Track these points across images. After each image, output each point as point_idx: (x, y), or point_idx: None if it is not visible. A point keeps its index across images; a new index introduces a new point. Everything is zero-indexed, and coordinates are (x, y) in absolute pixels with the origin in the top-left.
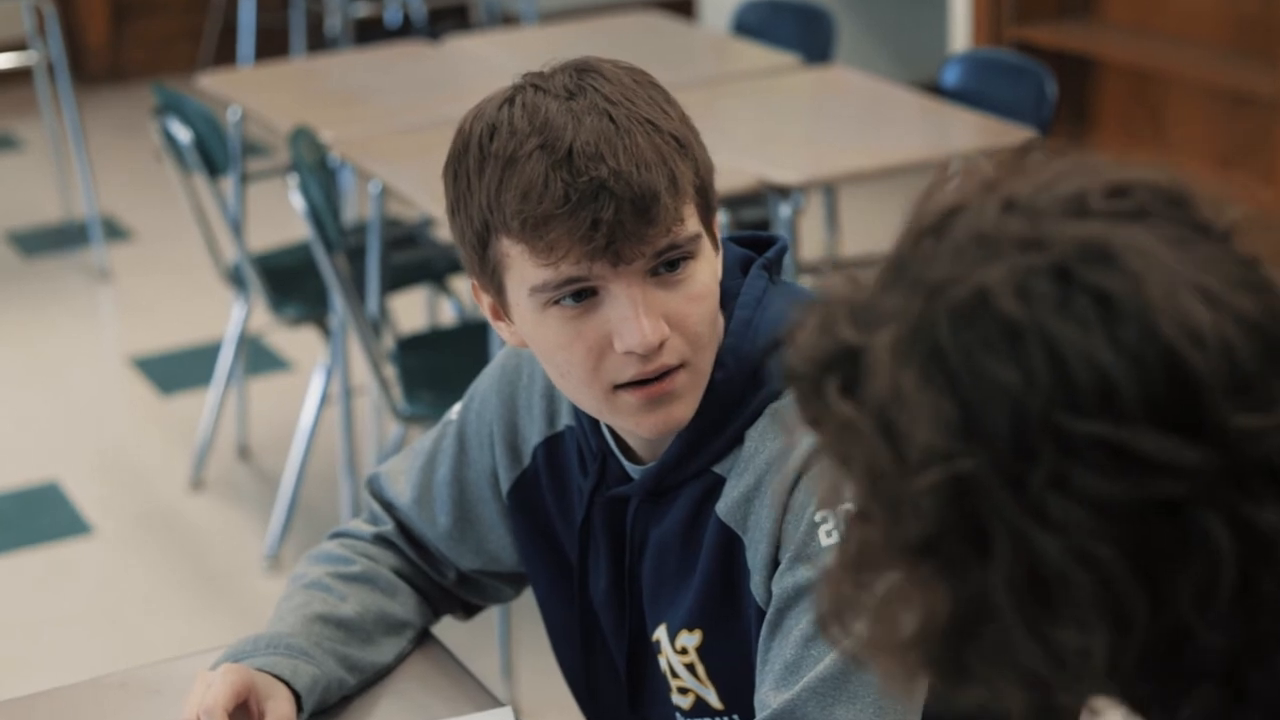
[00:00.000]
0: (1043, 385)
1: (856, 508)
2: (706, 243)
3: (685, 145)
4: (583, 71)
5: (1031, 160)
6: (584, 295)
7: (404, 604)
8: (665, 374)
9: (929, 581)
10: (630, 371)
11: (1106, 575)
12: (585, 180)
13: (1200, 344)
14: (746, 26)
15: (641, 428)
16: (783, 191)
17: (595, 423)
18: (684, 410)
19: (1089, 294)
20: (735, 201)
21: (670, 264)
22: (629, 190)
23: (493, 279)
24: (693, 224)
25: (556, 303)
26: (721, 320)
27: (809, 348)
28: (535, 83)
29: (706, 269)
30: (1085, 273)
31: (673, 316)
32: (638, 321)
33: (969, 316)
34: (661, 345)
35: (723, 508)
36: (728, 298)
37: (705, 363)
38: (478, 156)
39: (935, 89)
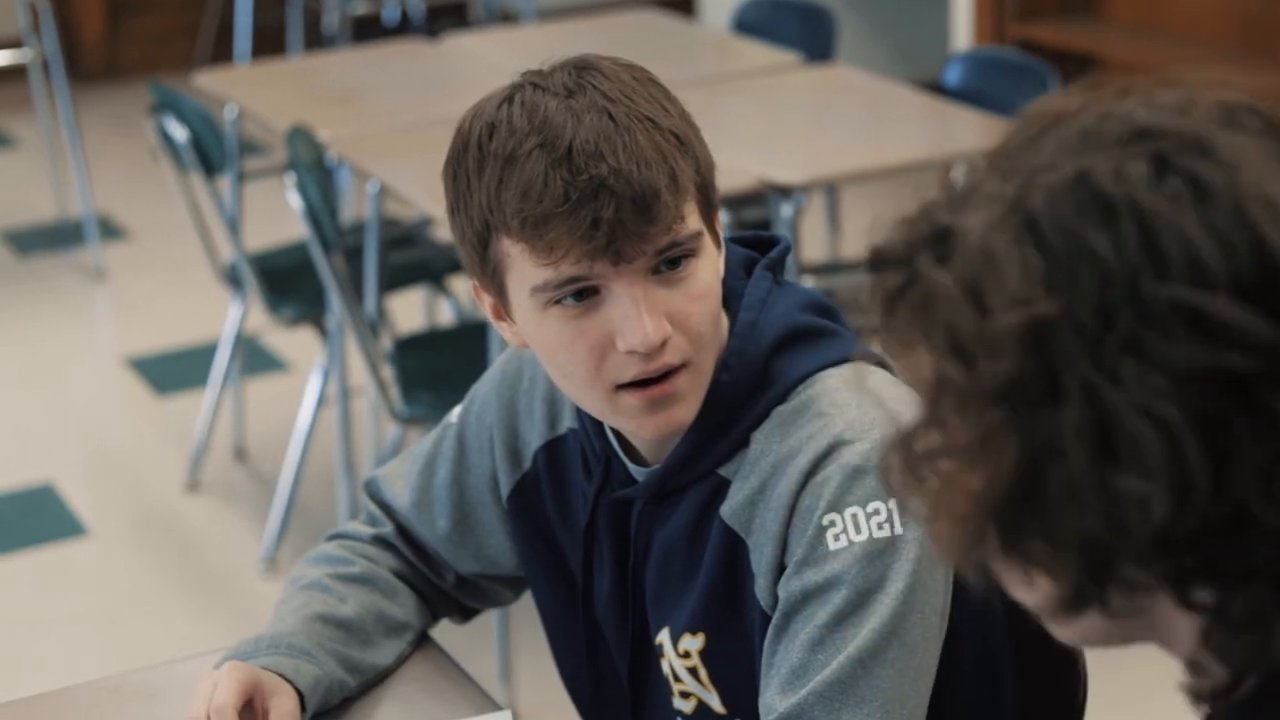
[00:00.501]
0: (1130, 252)
1: (932, 377)
2: (708, 240)
3: (686, 142)
4: (582, 69)
5: (1134, 84)
6: (585, 294)
7: (403, 605)
8: (667, 375)
9: (999, 432)
10: (632, 371)
11: (1172, 435)
12: (585, 179)
13: None
14: (747, 24)
15: (643, 429)
16: (784, 191)
17: (599, 425)
18: (686, 412)
19: (1184, 177)
20: (736, 201)
21: (672, 262)
22: (629, 188)
23: (494, 279)
24: (694, 222)
25: (558, 302)
26: (725, 321)
27: (903, 231)
28: (534, 81)
29: (708, 267)
30: (1182, 159)
31: (675, 315)
32: (639, 320)
33: (1068, 191)
34: (664, 344)
35: (727, 510)
36: (731, 299)
37: (707, 362)
38: (477, 156)
39: (937, 88)
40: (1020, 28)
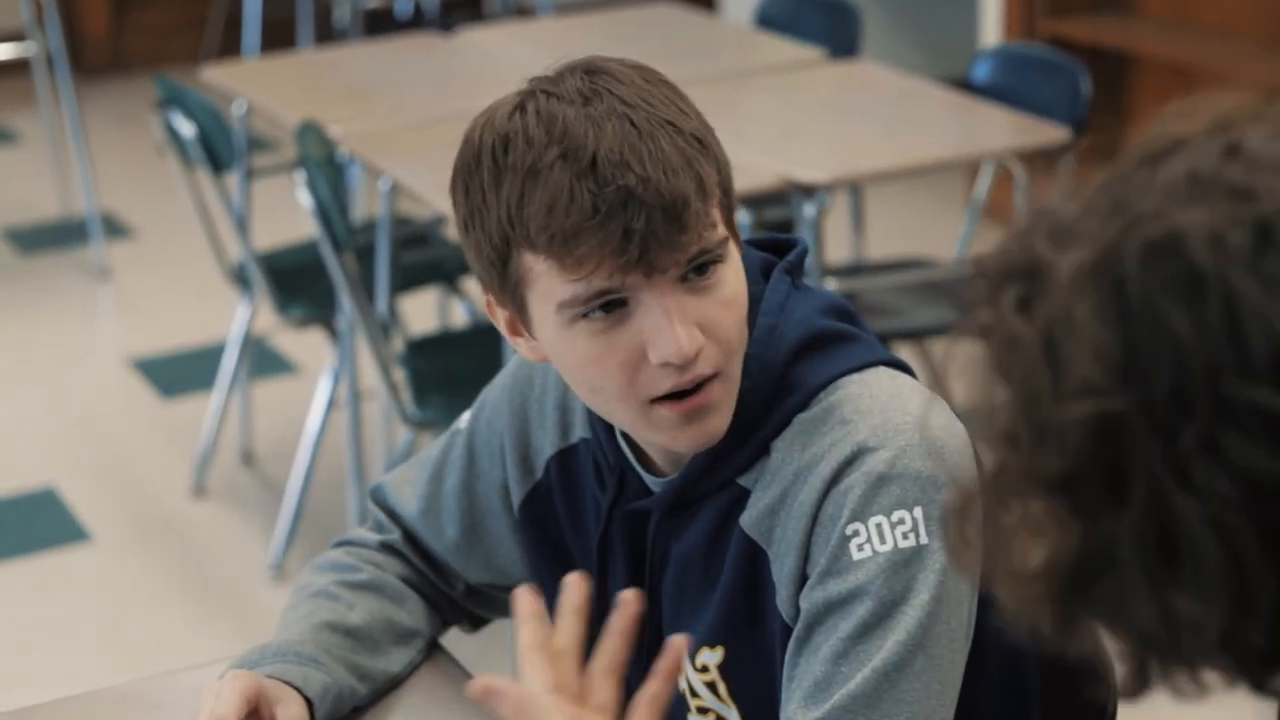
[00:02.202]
0: (1213, 340)
1: (1005, 427)
2: (732, 246)
3: (707, 145)
4: (593, 73)
5: (1273, 106)
6: (613, 306)
7: (413, 613)
8: (700, 386)
9: (1061, 517)
10: (667, 384)
11: (1238, 550)
12: (613, 189)
13: None
14: (770, 19)
15: (678, 442)
16: (807, 191)
17: (612, 435)
18: (720, 422)
19: None
20: (758, 201)
21: (699, 269)
22: (659, 198)
23: (513, 295)
24: (721, 227)
25: (585, 316)
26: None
27: (1002, 253)
28: (545, 88)
29: (734, 272)
30: None
31: (706, 323)
32: (672, 331)
33: (1159, 255)
34: (697, 355)
35: (747, 520)
36: (750, 303)
37: (737, 370)
38: (492, 169)
39: (965, 85)
40: (1051, 23)
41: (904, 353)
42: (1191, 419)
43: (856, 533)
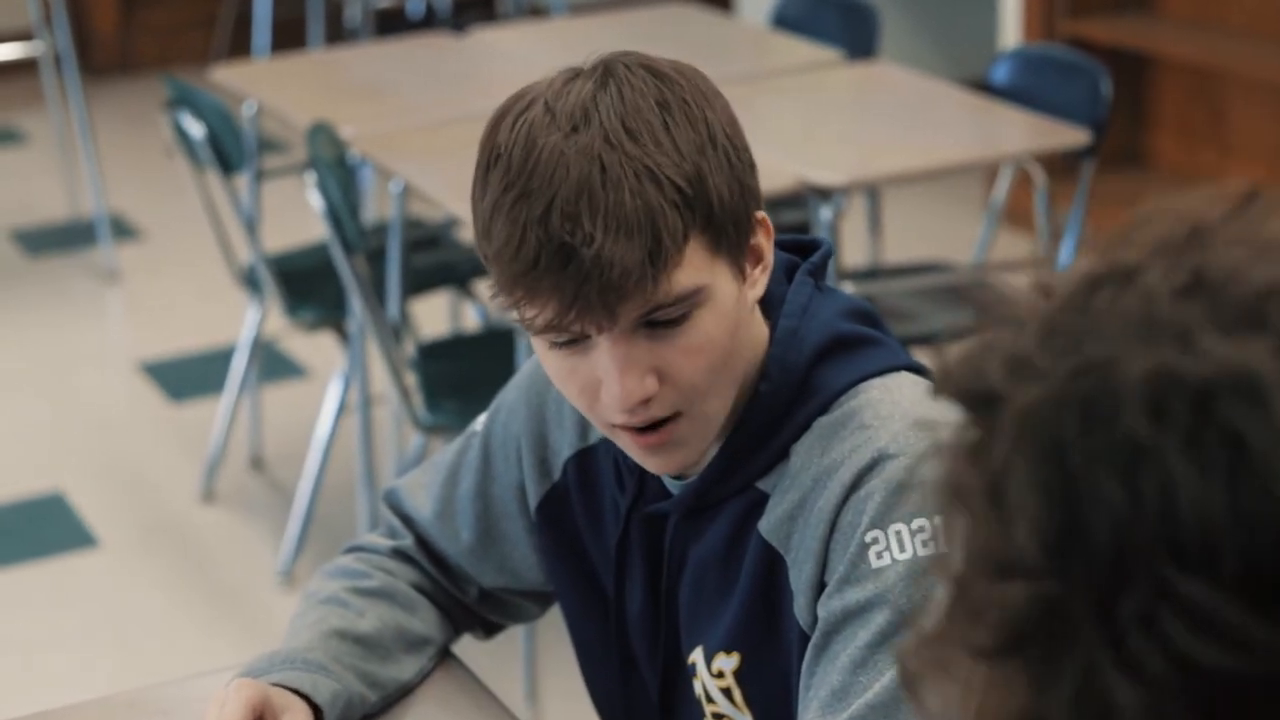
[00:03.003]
0: (1148, 519)
1: (952, 578)
2: (719, 288)
3: (694, 191)
4: (606, 82)
5: (1249, 215)
6: (575, 340)
7: (424, 620)
8: (661, 424)
9: (995, 685)
10: (619, 419)
11: None
12: (557, 244)
13: None
14: (787, 20)
15: (646, 466)
16: (823, 193)
17: None
18: (688, 454)
19: (1223, 433)
20: (774, 203)
21: (663, 320)
22: (597, 263)
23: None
24: (691, 279)
25: (552, 344)
26: (765, 331)
27: (959, 375)
28: (550, 99)
29: (711, 318)
30: (1228, 407)
31: (664, 369)
32: (618, 382)
33: (1099, 418)
34: (649, 399)
35: (766, 525)
36: (772, 305)
37: (712, 407)
38: (482, 179)
39: (984, 87)
40: (1071, 24)
41: (921, 357)
42: (1129, 596)
43: (876, 540)
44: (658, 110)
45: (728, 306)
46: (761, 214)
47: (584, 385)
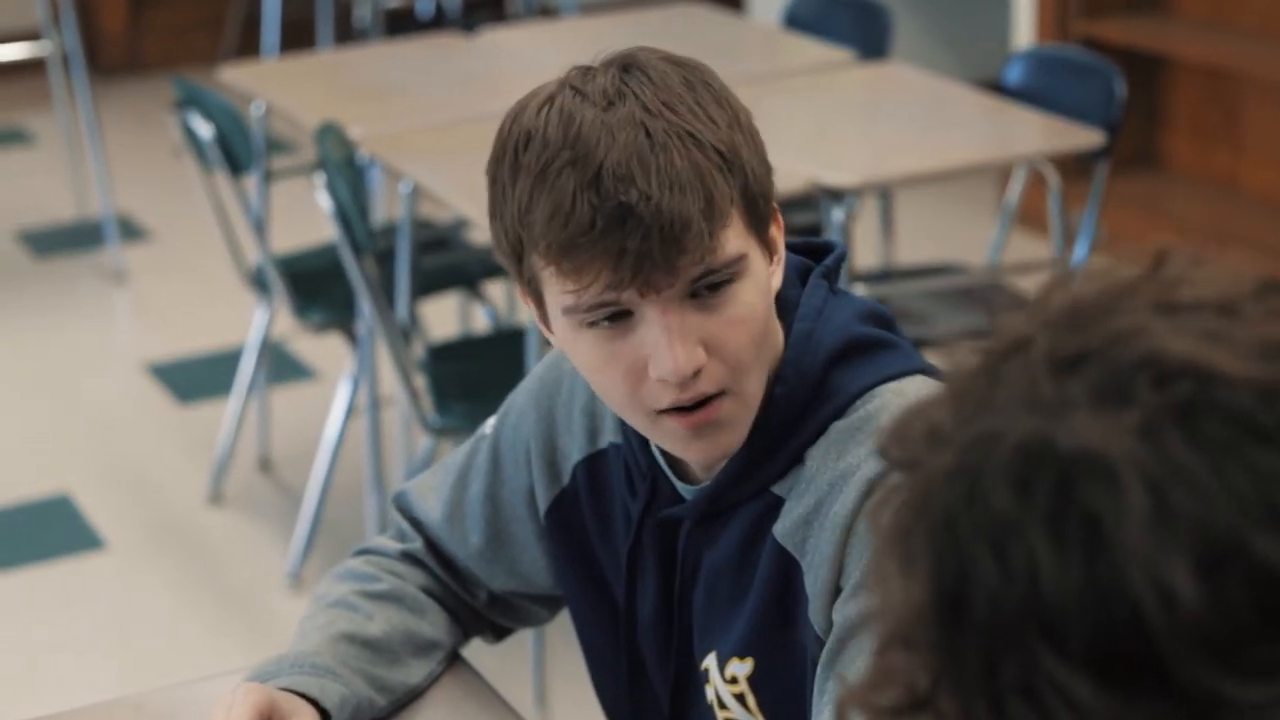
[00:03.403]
0: (1017, 594)
1: (880, 632)
2: (755, 261)
3: (732, 157)
4: (628, 71)
5: (1158, 280)
6: (619, 317)
7: (433, 624)
8: (708, 401)
9: None
10: (667, 399)
11: None
12: (613, 204)
13: (1169, 606)
14: (798, 20)
15: (689, 453)
16: (835, 195)
17: (645, 441)
18: (732, 437)
19: (1082, 512)
20: (785, 205)
21: (710, 286)
22: (658, 217)
23: (531, 290)
24: (735, 245)
25: (591, 324)
26: (780, 332)
27: (889, 440)
28: (576, 84)
29: (752, 289)
30: (1086, 487)
31: (711, 341)
32: (670, 350)
33: (979, 492)
34: (698, 372)
35: (781, 530)
36: (786, 308)
37: (753, 386)
38: (512, 164)
39: (997, 87)
40: (1085, 24)
41: (934, 360)
42: (1006, 667)
43: None
44: (685, 91)
45: (763, 281)
46: (775, 205)
47: (628, 368)
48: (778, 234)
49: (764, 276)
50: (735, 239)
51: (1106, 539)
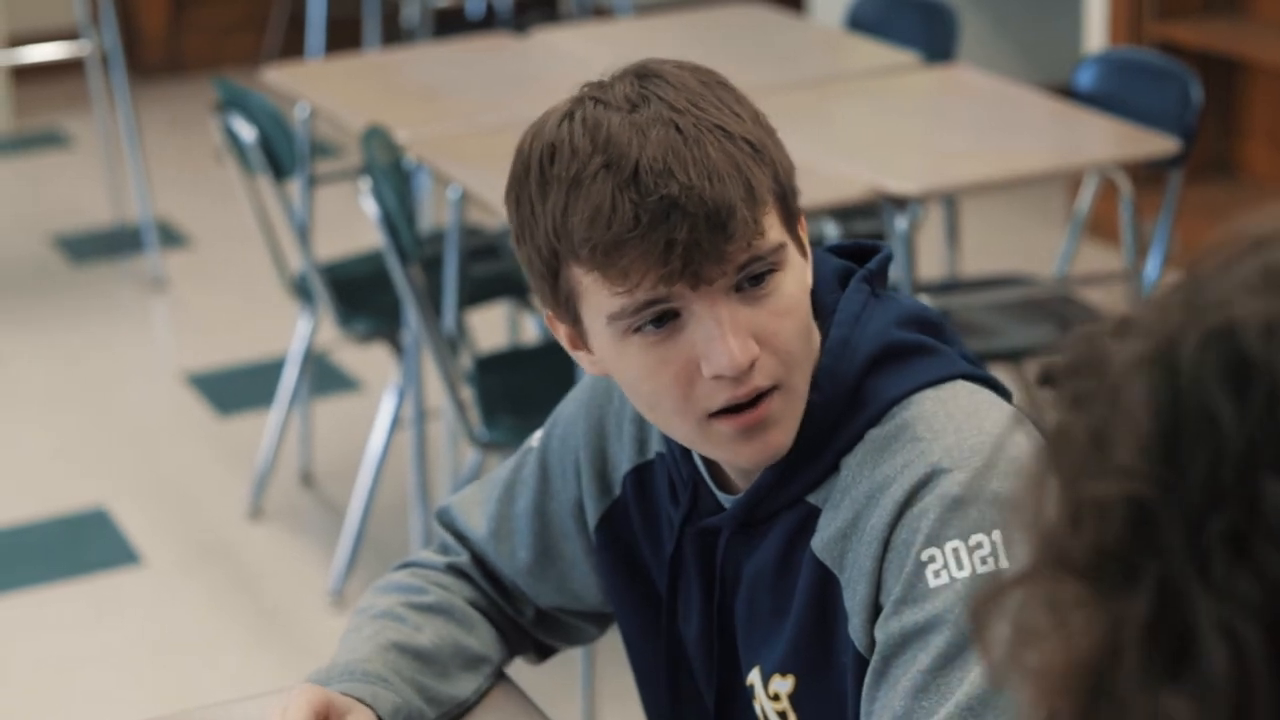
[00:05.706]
0: (1253, 431)
1: (1046, 515)
2: (792, 252)
3: (761, 149)
4: (644, 77)
5: None
6: (665, 319)
7: (481, 638)
8: (759, 399)
9: (1085, 605)
10: (722, 397)
11: (1246, 662)
12: (655, 199)
13: None
14: (861, 21)
15: (740, 457)
16: (899, 202)
17: (686, 449)
18: (782, 436)
19: None
20: (847, 213)
21: (754, 278)
22: (703, 206)
23: (568, 308)
24: (775, 234)
25: (637, 330)
26: (817, 337)
27: (1068, 352)
28: (594, 95)
29: (793, 280)
30: None
31: (761, 333)
32: (724, 342)
33: (1214, 341)
34: (752, 366)
35: (818, 543)
36: (824, 314)
37: (801, 382)
38: (539, 179)
39: (1068, 92)
40: (1159, 27)
41: (1000, 375)
42: (1220, 512)
43: (932, 559)
44: (705, 90)
45: (802, 275)
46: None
47: (679, 371)
48: (804, 234)
49: (802, 270)
50: (775, 229)
51: None
